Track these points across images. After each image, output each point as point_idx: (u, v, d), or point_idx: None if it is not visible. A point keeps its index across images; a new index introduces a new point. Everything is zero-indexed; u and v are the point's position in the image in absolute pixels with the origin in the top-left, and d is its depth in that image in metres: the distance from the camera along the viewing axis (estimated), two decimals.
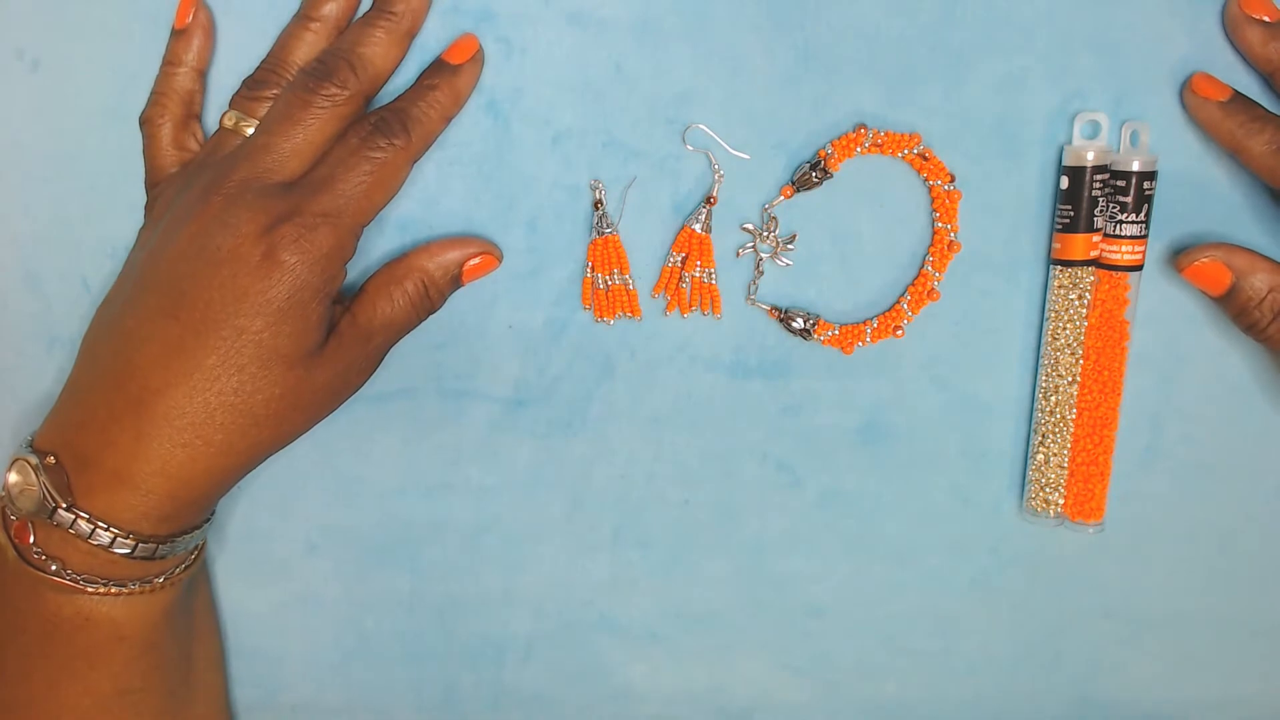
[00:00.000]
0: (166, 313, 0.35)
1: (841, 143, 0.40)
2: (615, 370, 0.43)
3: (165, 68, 0.40)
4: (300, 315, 0.36)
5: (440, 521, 0.45)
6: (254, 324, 0.35)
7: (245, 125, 0.38)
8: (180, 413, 0.35)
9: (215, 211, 0.35)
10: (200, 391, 0.35)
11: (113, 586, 0.37)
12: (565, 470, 0.44)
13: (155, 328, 0.35)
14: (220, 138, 0.39)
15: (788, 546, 0.45)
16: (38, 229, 0.42)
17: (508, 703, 0.47)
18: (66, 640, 0.37)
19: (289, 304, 0.35)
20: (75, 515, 0.35)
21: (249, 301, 0.35)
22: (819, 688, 0.47)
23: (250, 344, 0.35)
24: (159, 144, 0.39)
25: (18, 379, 0.43)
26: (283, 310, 0.35)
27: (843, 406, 0.43)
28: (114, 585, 0.37)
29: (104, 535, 0.36)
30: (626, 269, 0.42)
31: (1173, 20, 0.40)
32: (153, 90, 0.40)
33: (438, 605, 0.46)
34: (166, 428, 0.35)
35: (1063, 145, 0.40)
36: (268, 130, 0.37)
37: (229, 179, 0.36)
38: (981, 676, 0.46)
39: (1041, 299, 0.42)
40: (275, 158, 0.37)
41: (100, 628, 0.37)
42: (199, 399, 0.35)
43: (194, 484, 0.36)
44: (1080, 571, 0.45)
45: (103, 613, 0.37)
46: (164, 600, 0.39)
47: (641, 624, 0.46)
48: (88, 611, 0.37)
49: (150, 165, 0.40)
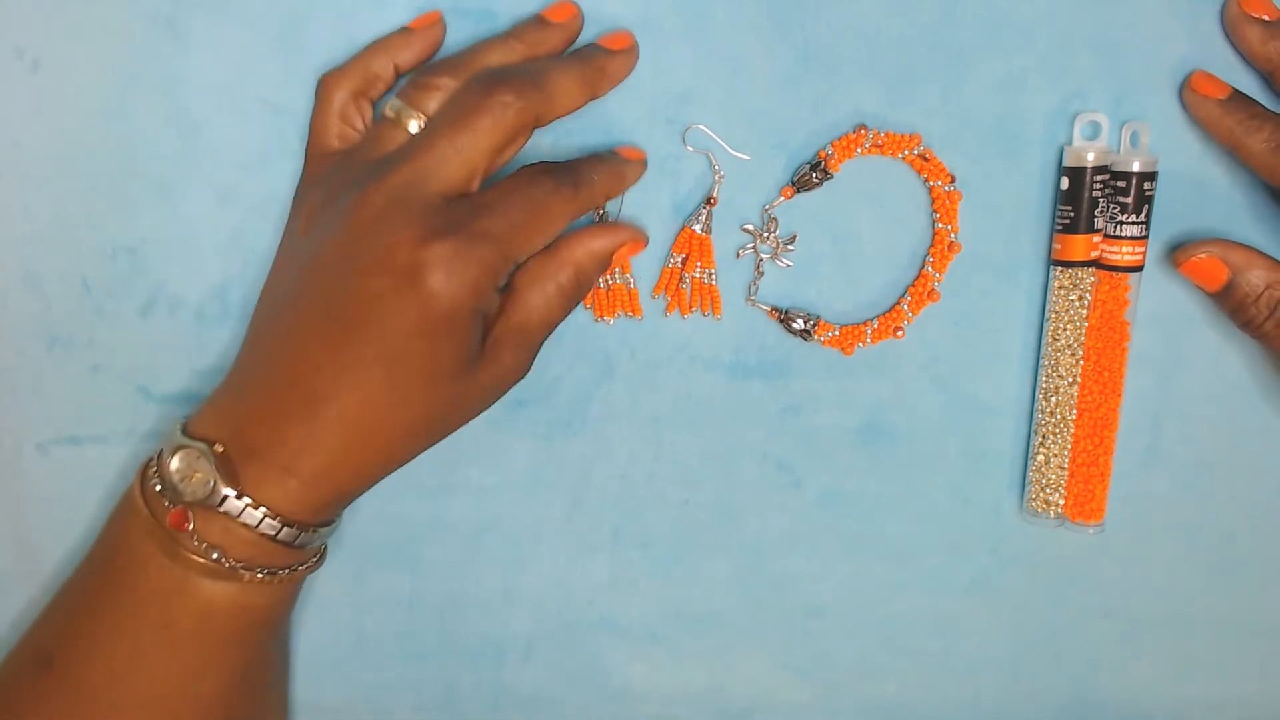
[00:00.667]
0: (327, 314, 0.35)
1: (842, 143, 0.40)
2: (615, 370, 0.43)
3: (370, 47, 0.39)
4: (457, 333, 0.35)
5: (440, 521, 0.45)
6: (415, 344, 0.35)
7: (408, 117, 0.37)
8: (351, 419, 0.35)
9: (374, 214, 0.35)
10: (366, 399, 0.35)
11: (268, 574, 0.37)
12: (565, 470, 0.44)
13: (318, 328, 0.35)
14: (380, 128, 0.38)
15: (788, 546, 0.45)
16: (38, 229, 0.42)
17: (508, 703, 0.47)
18: (218, 629, 0.37)
19: (446, 323, 0.35)
20: (245, 503, 0.35)
21: (407, 317, 0.34)
22: (819, 688, 0.47)
23: (415, 363, 0.35)
24: (328, 108, 0.39)
25: (18, 379, 0.43)
26: (440, 330, 0.35)
27: (843, 407, 0.43)
28: (268, 573, 0.37)
29: (271, 524, 0.36)
30: (628, 269, 0.42)
31: (1173, 20, 0.40)
32: (347, 60, 0.39)
33: (438, 605, 0.46)
34: (338, 431, 0.35)
35: (1063, 146, 0.40)
36: (434, 131, 0.36)
37: (390, 179, 0.35)
38: (981, 676, 0.46)
39: (1042, 300, 0.42)
40: (439, 162, 0.35)
41: (254, 613, 0.38)
42: (366, 407, 0.35)
43: (353, 481, 0.37)
44: (1080, 571, 0.45)
45: (257, 600, 0.38)
46: (297, 586, 0.40)
47: (641, 624, 0.46)
48: (244, 599, 0.37)
49: (315, 128, 0.39)
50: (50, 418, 0.43)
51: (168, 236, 0.42)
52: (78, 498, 0.44)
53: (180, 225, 0.42)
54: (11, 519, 0.44)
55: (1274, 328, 0.39)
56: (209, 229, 0.42)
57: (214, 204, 0.41)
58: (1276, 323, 0.39)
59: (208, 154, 0.41)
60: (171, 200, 0.41)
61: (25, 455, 0.44)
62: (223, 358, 0.43)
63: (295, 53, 0.40)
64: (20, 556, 0.44)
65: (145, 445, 0.44)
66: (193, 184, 0.41)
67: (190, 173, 0.41)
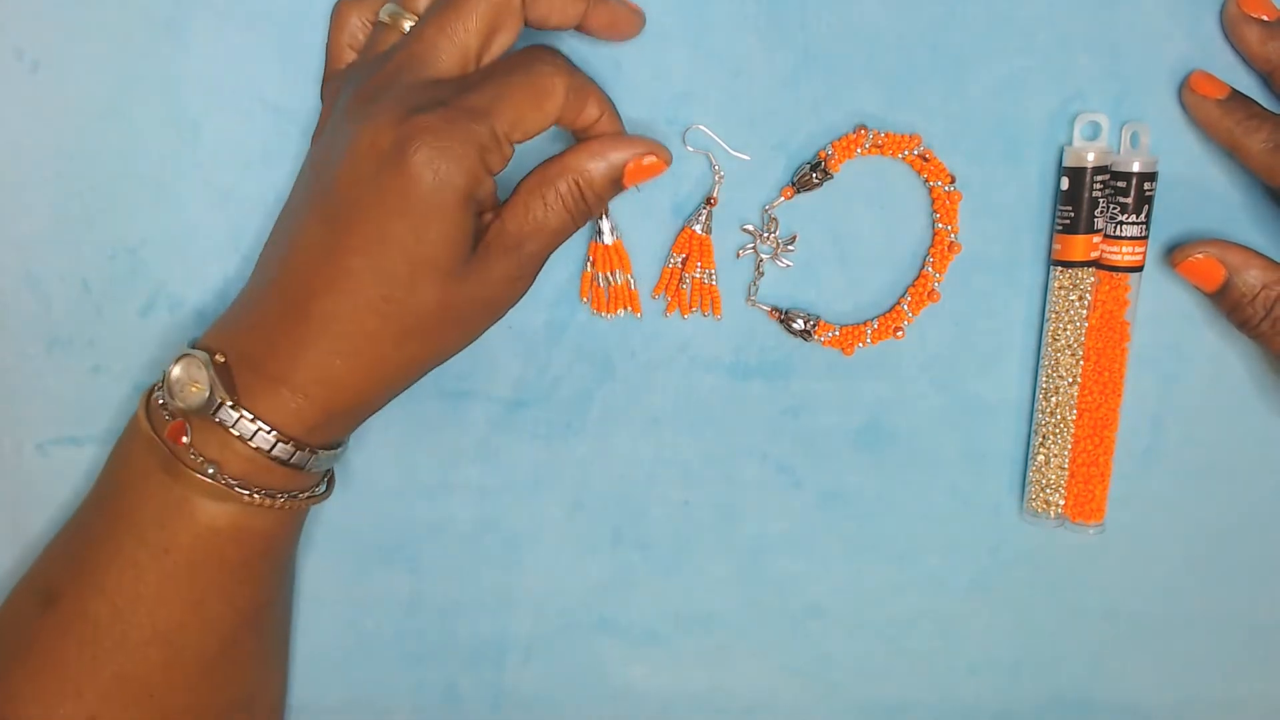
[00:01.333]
0: (317, 215, 0.35)
1: (842, 144, 0.40)
2: (615, 371, 0.43)
3: None
4: (444, 218, 0.34)
5: (440, 521, 0.45)
6: (397, 227, 0.34)
7: (404, 19, 0.37)
8: (334, 318, 0.35)
9: (360, 104, 0.35)
10: (349, 295, 0.34)
11: (266, 497, 0.36)
12: (565, 470, 0.44)
13: (309, 230, 0.35)
14: (378, 34, 0.37)
15: (788, 547, 0.45)
16: (38, 229, 0.42)
17: (508, 703, 0.47)
18: (219, 555, 0.37)
19: (431, 205, 0.33)
20: (240, 414, 0.35)
21: (389, 200, 0.34)
22: (819, 688, 0.47)
23: (395, 248, 0.34)
24: (340, 33, 0.39)
25: (18, 379, 0.43)
26: (425, 212, 0.34)
27: (843, 407, 0.43)
28: (267, 495, 0.36)
29: (266, 438, 0.35)
30: (629, 269, 0.42)
31: (1172, 20, 0.40)
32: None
33: (438, 605, 0.46)
34: (323, 334, 0.35)
35: (1063, 146, 0.40)
36: (425, 21, 0.36)
37: (383, 70, 0.35)
38: (981, 677, 0.46)
39: (1042, 300, 0.42)
40: (428, 50, 0.35)
41: (254, 540, 0.37)
42: (348, 304, 0.35)
43: (348, 394, 0.36)
44: (1080, 571, 0.45)
45: (257, 525, 0.37)
46: (299, 517, 0.39)
47: (641, 624, 0.46)
48: (243, 522, 0.37)
49: (329, 54, 0.39)
50: (50, 418, 0.43)
51: (168, 236, 0.42)
52: (78, 498, 0.44)
53: (180, 225, 0.42)
54: (11, 519, 0.44)
55: (1270, 327, 0.39)
56: (209, 229, 0.42)
57: (214, 204, 0.41)
58: (1273, 322, 0.39)
59: (208, 154, 0.41)
60: (171, 200, 0.41)
61: (25, 455, 0.44)
62: None
63: (295, 53, 0.40)
64: (20, 556, 0.44)
65: None
66: (193, 184, 0.41)
67: (190, 173, 0.41)
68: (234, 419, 0.35)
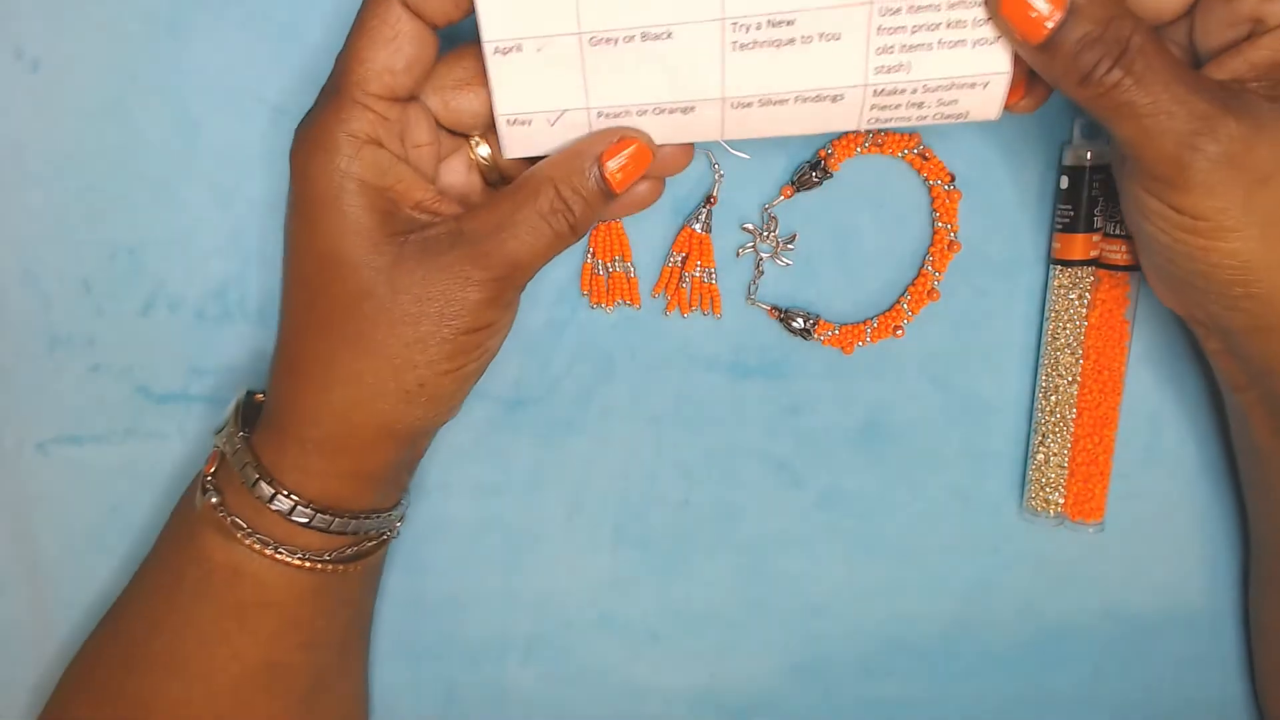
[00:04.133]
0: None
1: (841, 142, 0.40)
2: (615, 370, 0.43)
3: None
4: (325, 203, 0.32)
5: (440, 521, 0.45)
6: (296, 230, 0.34)
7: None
8: (282, 342, 0.35)
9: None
10: (288, 315, 0.35)
11: (260, 544, 0.36)
12: (565, 470, 0.44)
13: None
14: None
15: (788, 546, 0.45)
16: (38, 229, 0.42)
17: (508, 702, 0.47)
18: (218, 594, 0.37)
19: (310, 195, 0.33)
20: (246, 458, 0.36)
21: (289, 208, 0.34)
22: (819, 688, 0.47)
23: (302, 252, 0.34)
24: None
25: (18, 379, 0.43)
26: (308, 202, 0.33)
27: (843, 406, 0.43)
28: (260, 541, 0.36)
29: (266, 488, 0.35)
30: (629, 256, 0.42)
31: None
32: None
33: (438, 604, 0.46)
34: (279, 359, 0.36)
35: (1063, 145, 0.40)
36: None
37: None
38: (981, 676, 0.46)
39: (1041, 299, 0.42)
40: (335, 67, 0.34)
41: (246, 585, 0.36)
42: (288, 323, 0.35)
43: (330, 430, 0.35)
44: (1080, 571, 0.45)
45: (250, 569, 0.36)
46: (316, 579, 0.37)
47: (641, 624, 0.46)
48: (236, 563, 0.36)
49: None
50: (50, 418, 0.43)
51: (168, 236, 0.42)
52: (78, 498, 0.44)
53: (180, 225, 0.42)
54: (11, 519, 0.44)
55: (1114, 83, 0.29)
56: (209, 229, 0.42)
57: (214, 204, 0.41)
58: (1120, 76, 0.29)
59: (208, 154, 0.41)
60: (171, 200, 0.41)
61: (25, 455, 0.44)
62: (223, 357, 0.43)
63: (295, 53, 0.40)
64: (20, 556, 0.44)
65: (145, 445, 0.44)
66: (193, 184, 0.41)
67: (190, 173, 0.41)
68: (241, 464, 0.36)
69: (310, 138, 0.33)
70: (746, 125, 0.34)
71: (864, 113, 0.34)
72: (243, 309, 0.42)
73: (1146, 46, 0.29)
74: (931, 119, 0.34)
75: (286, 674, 0.38)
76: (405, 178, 0.34)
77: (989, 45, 0.32)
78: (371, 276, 0.33)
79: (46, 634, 0.45)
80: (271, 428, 0.36)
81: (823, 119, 0.34)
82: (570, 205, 0.34)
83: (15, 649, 0.45)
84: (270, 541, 0.36)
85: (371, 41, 0.32)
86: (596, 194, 0.34)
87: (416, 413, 0.35)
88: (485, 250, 0.33)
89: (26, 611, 0.45)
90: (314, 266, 0.34)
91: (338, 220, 0.33)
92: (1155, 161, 0.31)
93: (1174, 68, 0.30)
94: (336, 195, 0.33)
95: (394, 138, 0.34)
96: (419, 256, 0.33)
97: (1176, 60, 0.30)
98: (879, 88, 0.33)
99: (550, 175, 0.34)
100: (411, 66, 0.33)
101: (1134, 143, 0.30)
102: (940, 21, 0.32)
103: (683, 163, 0.36)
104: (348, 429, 0.35)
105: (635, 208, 0.37)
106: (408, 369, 0.34)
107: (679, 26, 0.32)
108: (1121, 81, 0.29)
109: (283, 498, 0.35)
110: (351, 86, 0.32)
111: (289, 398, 0.35)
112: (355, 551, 0.38)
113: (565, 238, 0.34)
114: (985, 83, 0.33)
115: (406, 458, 0.38)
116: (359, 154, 0.33)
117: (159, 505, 0.44)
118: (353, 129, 0.32)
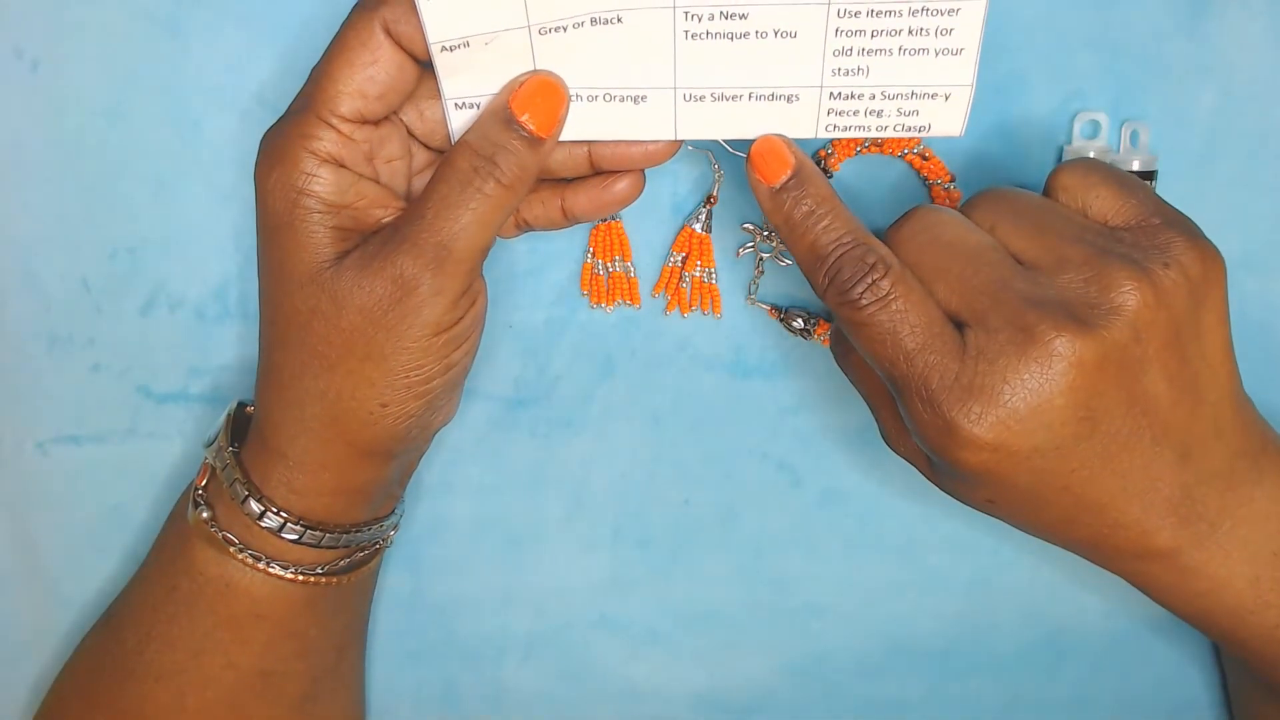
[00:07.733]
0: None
1: (841, 142, 0.40)
2: (615, 370, 0.43)
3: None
4: (280, 221, 0.32)
5: (440, 520, 0.45)
6: (260, 244, 0.34)
7: None
8: (268, 368, 0.35)
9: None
10: (262, 329, 0.35)
11: (252, 559, 0.36)
12: (565, 470, 0.44)
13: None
14: None
15: (788, 546, 0.45)
16: (38, 229, 0.42)
17: (508, 702, 0.47)
18: (210, 606, 0.37)
19: (267, 211, 0.33)
20: (235, 474, 0.36)
21: (259, 233, 0.34)
22: (819, 688, 0.47)
23: (262, 266, 0.34)
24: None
25: (18, 379, 0.43)
26: (265, 218, 0.33)
27: (842, 406, 0.43)
28: (252, 556, 0.36)
29: (255, 505, 0.35)
30: (629, 256, 0.42)
31: (1172, 20, 0.40)
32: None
33: (437, 603, 0.46)
34: (266, 384, 0.35)
35: (1062, 145, 0.40)
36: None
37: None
38: (981, 676, 0.46)
39: None
40: (305, 87, 0.34)
41: (238, 598, 0.36)
42: (264, 338, 0.35)
43: (308, 446, 0.35)
44: (1080, 571, 0.45)
45: (242, 583, 0.36)
46: (309, 591, 0.37)
47: (641, 624, 0.46)
48: (228, 577, 0.36)
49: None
50: (50, 418, 0.43)
51: (168, 236, 0.42)
52: (78, 498, 0.44)
53: (180, 225, 0.42)
54: (11, 519, 0.44)
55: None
56: (209, 229, 0.42)
57: (214, 204, 0.41)
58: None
59: (208, 154, 0.41)
60: (171, 200, 0.41)
61: (25, 455, 0.44)
62: (223, 357, 0.43)
63: (295, 53, 0.40)
64: (20, 556, 0.44)
65: (145, 445, 0.44)
66: (193, 184, 0.41)
67: (190, 173, 0.41)
68: (230, 480, 0.36)
69: (273, 150, 0.32)
70: (701, 122, 0.34)
71: (821, 117, 0.34)
72: (243, 309, 0.42)
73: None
74: (892, 129, 0.34)
75: (281, 682, 0.39)
76: (368, 194, 0.33)
77: (952, 56, 0.32)
78: (316, 293, 0.32)
79: (46, 634, 0.45)
80: (258, 442, 0.36)
81: (778, 120, 0.34)
82: (492, 157, 0.32)
83: (15, 649, 0.45)
84: (262, 556, 0.36)
85: (348, 63, 0.32)
86: (518, 141, 0.32)
87: (387, 432, 0.34)
88: (416, 239, 0.32)
89: (26, 611, 0.45)
90: (274, 281, 0.34)
91: (290, 236, 0.32)
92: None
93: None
94: (291, 210, 0.32)
95: (360, 158, 0.33)
96: (356, 266, 0.32)
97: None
98: (835, 90, 0.33)
99: (465, 139, 0.33)
100: (386, 94, 0.32)
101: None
102: (901, 28, 0.32)
103: (659, 157, 0.36)
104: (324, 446, 0.35)
105: (618, 204, 0.37)
106: (365, 386, 0.33)
107: (629, 12, 0.32)
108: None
109: (271, 515, 0.35)
110: (320, 105, 0.32)
111: (270, 412, 0.35)
112: (349, 563, 0.38)
113: (497, 199, 0.32)
114: (947, 94, 0.33)
115: (394, 473, 0.38)
116: (318, 171, 0.32)
117: (159, 505, 0.44)
118: (314, 147, 0.32)
